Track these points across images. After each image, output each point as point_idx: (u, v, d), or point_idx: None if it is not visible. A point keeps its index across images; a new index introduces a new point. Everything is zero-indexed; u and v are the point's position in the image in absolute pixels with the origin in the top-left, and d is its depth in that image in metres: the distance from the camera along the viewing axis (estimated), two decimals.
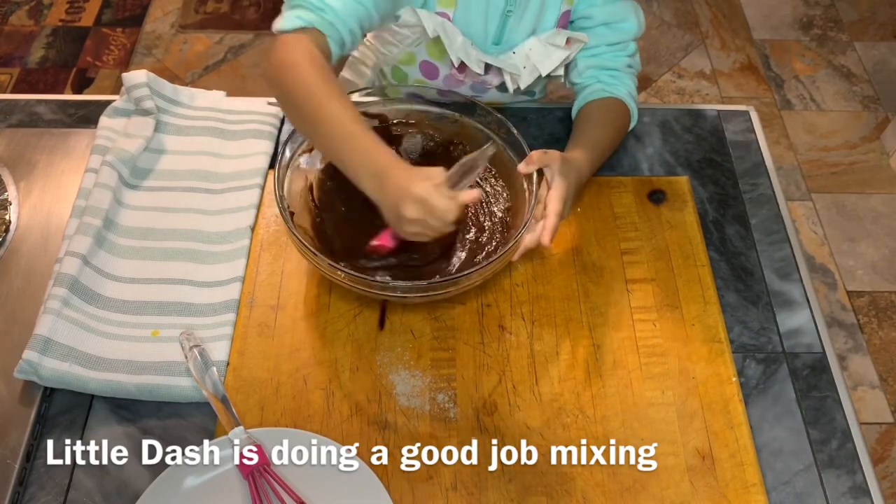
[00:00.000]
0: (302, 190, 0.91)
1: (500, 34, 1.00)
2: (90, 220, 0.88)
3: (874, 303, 1.93)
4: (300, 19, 0.83)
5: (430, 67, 1.04)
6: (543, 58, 0.99)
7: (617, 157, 1.03)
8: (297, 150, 0.91)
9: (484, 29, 0.99)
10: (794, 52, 2.53)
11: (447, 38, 0.95)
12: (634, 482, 0.77)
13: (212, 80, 2.36)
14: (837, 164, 2.23)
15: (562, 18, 1.00)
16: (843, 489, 0.78)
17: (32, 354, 0.78)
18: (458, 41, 0.96)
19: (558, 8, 0.99)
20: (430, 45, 1.01)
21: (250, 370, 0.83)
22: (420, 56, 1.04)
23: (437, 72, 1.05)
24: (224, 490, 0.74)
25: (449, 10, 0.96)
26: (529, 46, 0.99)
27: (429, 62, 1.04)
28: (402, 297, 0.84)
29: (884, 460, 1.68)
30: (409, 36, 1.01)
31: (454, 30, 0.96)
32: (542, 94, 1.17)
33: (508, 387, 0.83)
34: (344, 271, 0.79)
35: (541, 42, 0.99)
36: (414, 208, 0.73)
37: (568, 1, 0.99)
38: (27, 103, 1.07)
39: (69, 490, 0.75)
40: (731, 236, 0.96)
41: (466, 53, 0.97)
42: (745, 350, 0.87)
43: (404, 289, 0.82)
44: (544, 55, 0.99)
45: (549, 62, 0.99)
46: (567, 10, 1.00)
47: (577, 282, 0.91)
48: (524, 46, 0.99)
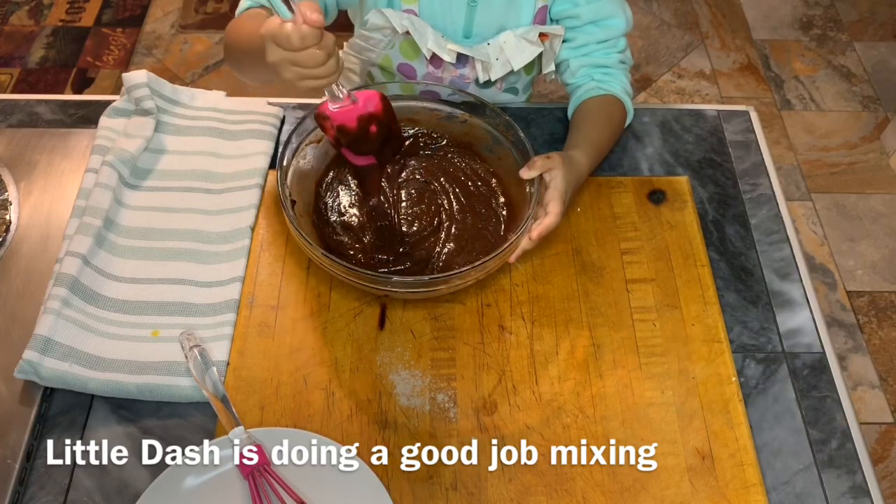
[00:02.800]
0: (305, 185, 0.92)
1: (469, 26, 1.00)
2: (90, 220, 0.88)
3: (874, 303, 1.94)
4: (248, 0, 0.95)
5: (407, 69, 1.06)
6: (516, 52, 0.99)
7: (617, 157, 1.03)
8: (303, 140, 0.92)
9: (451, 20, 1.00)
10: (794, 52, 2.53)
11: (416, 33, 0.96)
12: (634, 482, 0.77)
13: (212, 80, 2.36)
14: (837, 164, 2.23)
15: (538, 14, 1.01)
16: (842, 489, 0.78)
17: (32, 354, 0.78)
18: (427, 34, 0.97)
19: (533, 4, 1.00)
20: (403, 45, 1.02)
21: (250, 370, 0.83)
22: (396, 59, 1.05)
23: (415, 72, 1.06)
24: (224, 490, 0.74)
25: (413, 6, 0.98)
26: (504, 40, 1.00)
27: (405, 63, 1.04)
28: (403, 292, 0.85)
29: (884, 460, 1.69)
30: (382, 39, 1.02)
31: (422, 23, 0.97)
32: (527, 92, 1.17)
33: (508, 387, 0.83)
34: (341, 263, 0.80)
35: (515, 36, 0.99)
36: (270, 51, 0.73)
37: None
38: (27, 103, 1.07)
39: (69, 490, 0.75)
40: (730, 236, 0.96)
41: (437, 44, 0.97)
42: (745, 350, 0.87)
43: (405, 283, 0.83)
44: (517, 49, 0.99)
45: (521, 57, 0.99)
46: (544, 5, 1.00)
47: (577, 282, 0.91)
48: (498, 39, 1.00)
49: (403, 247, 0.90)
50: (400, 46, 1.02)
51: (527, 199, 0.88)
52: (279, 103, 1.07)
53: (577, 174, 0.91)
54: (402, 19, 0.96)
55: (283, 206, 0.84)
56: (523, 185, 0.90)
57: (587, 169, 0.94)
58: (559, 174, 0.87)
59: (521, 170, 0.88)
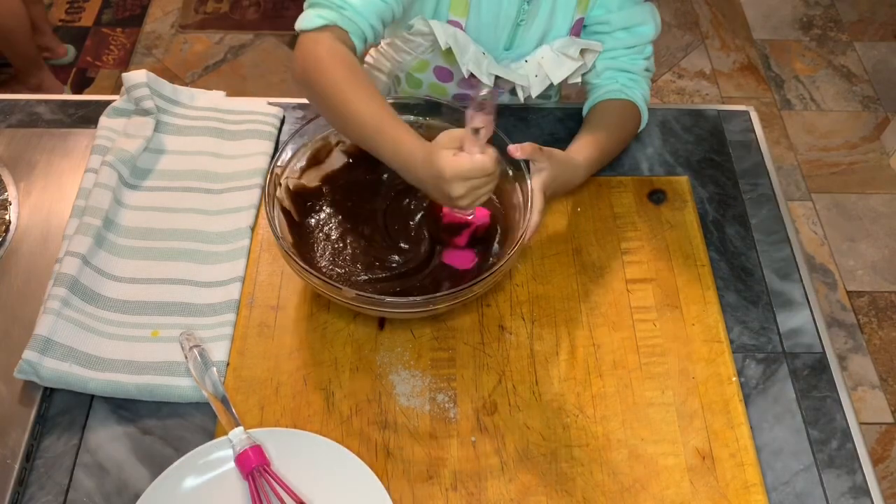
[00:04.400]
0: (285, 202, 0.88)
1: (511, 41, 1.00)
2: (90, 220, 0.88)
3: (874, 303, 1.94)
4: (321, 17, 0.84)
5: (444, 72, 1.04)
6: (555, 67, 0.98)
7: (617, 157, 1.03)
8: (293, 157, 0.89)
9: (495, 37, 0.98)
10: (794, 52, 2.53)
11: (458, 49, 0.95)
12: (634, 482, 0.77)
13: (212, 80, 2.36)
14: (837, 164, 2.23)
15: (575, 25, 0.99)
16: (843, 489, 0.78)
17: (32, 354, 0.78)
18: (469, 51, 0.96)
19: (571, 15, 0.98)
20: (444, 53, 1.00)
21: (250, 370, 0.83)
22: (434, 62, 1.03)
23: (451, 76, 1.05)
24: (224, 490, 0.74)
25: (461, 19, 0.96)
26: (542, 55, 0.99)
27: (443, 67, 1.03)
28: (401, 312, 0.83)
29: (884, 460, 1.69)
30: (423, 44, 1.00)
31: (466, 39, 0.96)
32: (557, 97, 1.17)
33: (508, 387, 0.83)
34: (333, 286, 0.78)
35: (553, 51, 0.98)
36: (456, 187, 0.74)
37: (581, 9, 0.98)
38: (27, 103, 1.07)
39: (69, 490, 0.75)
40: (731, 236, 0.96)
41: (477, 64, 0.96)
42: (745, 350, 0.87)
43: (401, 304, 0.80)
44: (556, 64, 0.98)
45: (560, 71, 0.98)
46: (580, 17, 0.99)
47: (577, 281, 0.91)
48: (536, 55, 0.99)
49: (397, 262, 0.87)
50: (441, 52, 1.00)
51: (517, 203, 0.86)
52: (279, 103, 1.07)
53: (568, 177, 0.90)
54: (447, 33, 0.94)
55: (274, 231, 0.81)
56: (513, 187, 0.87)
57: (586, 171, 0.94)
58: (546, 173, 0.85)
59: (510, 146, 0.84)
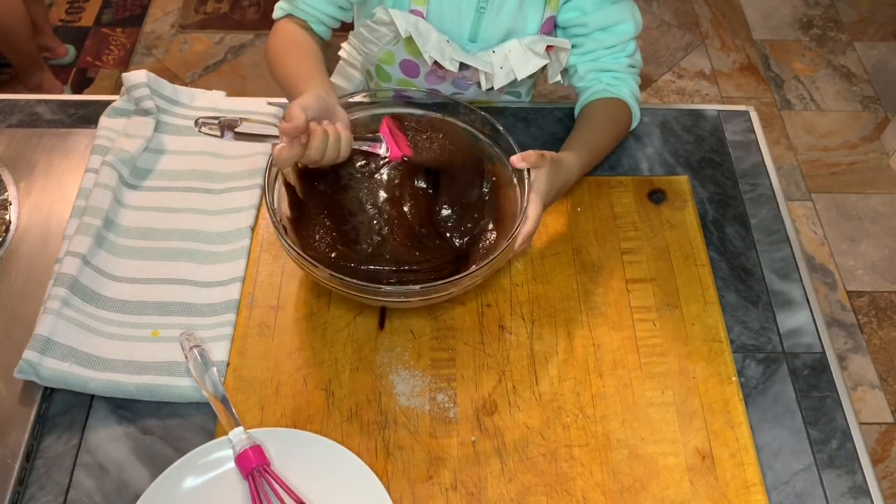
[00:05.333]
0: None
1: (475, 31, 0.99)
2: (90, 220, 0.88)
3: (874, 303, 1.94)
4: (280, 9, 1.02)
5: (410, 65, 1.04)
6: (521, 62, 0.98)
7: (617, 157, 1.03)
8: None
9: (458, 24, 0.98)
10: (794, 52, 2.53)
11: (420, 38, 0.95)
12: (634, 482, 0.77)
13: (212, 80, 2.36)
14: (837, 164, 2.23)
15: (546, 23, 0.99)
16: (842, 489, 0.78)
17: (32, 354, 0.78)
18: (432, 39, 0.96)
19: (541, 13, 0.98)
20: (407, 43, 1.00)
21: (250, 370, 0.83)
22: (399, 55, 1.03)
23: (418, 69, 1.05)
24: (224, 490, 0.74)
25: (422, 7, 0.96)
26: (510, 48, 0.98)
27: (409, 60, 1.03)
28: (400, 301, 0.83)
29: (884, 460, 1.69)
30: (386, 34, 1.00)
31: (428, 27, 0.96)
32: (529, 95, 1.16)
33: (508, 387, 0.83)
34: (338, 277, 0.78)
35: (522, 46, 0.98)
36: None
37: (551, 7, 0.98)
38: (27, 103, 1.07)
39: (69, 490, 0.75)
40: (731, 236, 0.96)
41: (441, 51, 0.96)
42: (745, 350, 0.87)
43: (399, 293, 0.81)
44: (523, 59, 0.98)
45: (525, 67, 0.98)
46: (551, 15, 0.99)
47: (577, 281, 0.91)
48: (504, 48, 0.99)
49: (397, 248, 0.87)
50: (404, 43, 1.01)
51: (516, 199, 0.86)
52: (279, 103, 1.07)
53: (564, 177, 0.90)
54: (408, 21, 0.94)
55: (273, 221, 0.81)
56: (511, 185, 0.87)
57: (578, 171, 0.94)
58: (543, 176, 0.85)
59: (514, 157, 0.85)
